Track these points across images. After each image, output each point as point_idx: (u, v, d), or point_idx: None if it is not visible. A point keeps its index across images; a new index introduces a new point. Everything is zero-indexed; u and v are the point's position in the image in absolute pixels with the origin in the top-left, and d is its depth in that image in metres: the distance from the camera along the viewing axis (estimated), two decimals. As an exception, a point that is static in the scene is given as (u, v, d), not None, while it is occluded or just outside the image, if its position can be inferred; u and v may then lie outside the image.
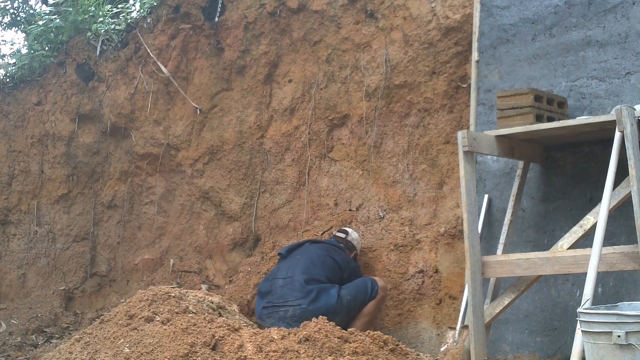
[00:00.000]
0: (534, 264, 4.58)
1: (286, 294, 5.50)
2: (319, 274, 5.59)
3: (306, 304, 5.39)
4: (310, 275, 5.54)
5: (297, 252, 5.82)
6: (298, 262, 5.67)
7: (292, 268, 5.64)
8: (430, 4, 6.00)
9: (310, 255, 5.70)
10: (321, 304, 5.41)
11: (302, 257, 5.71)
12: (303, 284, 5.48)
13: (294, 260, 5.73)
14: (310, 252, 5.76)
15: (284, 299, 5.48)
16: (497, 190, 5.33)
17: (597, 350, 3.57)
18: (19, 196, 8.14)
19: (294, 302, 5.43)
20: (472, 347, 4.63)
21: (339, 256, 5.77)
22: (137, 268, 7.54)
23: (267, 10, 6.85)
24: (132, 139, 7.63)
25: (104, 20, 7.82)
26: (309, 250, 5.79)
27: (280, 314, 5.45)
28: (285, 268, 5.70)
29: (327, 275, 5.61)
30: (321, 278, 5.57)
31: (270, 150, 6.87)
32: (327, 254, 5.74)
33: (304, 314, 5.30)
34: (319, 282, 5.53)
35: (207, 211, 7.21)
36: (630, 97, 4.81)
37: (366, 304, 5.64)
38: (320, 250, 5.78)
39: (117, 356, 4.47)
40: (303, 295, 5.43)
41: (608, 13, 4.97)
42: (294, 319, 5.35)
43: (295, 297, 5.45)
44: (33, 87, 8.17)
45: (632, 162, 4.19)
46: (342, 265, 5.73)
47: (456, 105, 5.95)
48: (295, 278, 5.53)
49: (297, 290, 5.47)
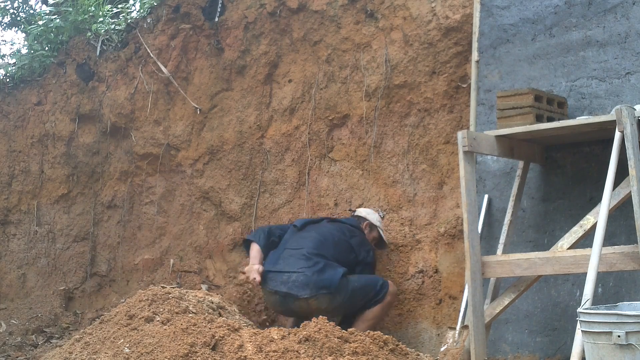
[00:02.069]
0: (534, 264, 4.58)
1: (292, 263, 5.52)
2: (328, 253, 5.56)
3: (310, 273, 5.42)
4: (319, 251, 5.53)
5: (312, 228, 5.80)
6: (310, 237, 5.66)
7: (303, 241, 5.65)
8: (430, 4, 6.00)
9: (324, 234, 5.68)
10: (325, 276, 5.40)
11: (315, 234, 5.70)
12: (311, 256, 5.49)
13: (307, 234, 5.72)
14: (325, 230, 5.74)
15: (289, 267, 5.50)
16: (497, 190, 5.33)
17: (597, 350, 3.57)
18: (19, 196, 8.14)
19: (299, 270, 5.44)
20: (472, 347, 4.63)
21: (354, 238, 5.71)
22: (137, 268, 7.54)
23: (267, 10, 6.85)
24: (132, 139, 7.62)
25: (104, 20, 7.82)
26: (324, 228, 5.77)
27: (283, 278, 5.47)
28: (296, 240, 5.71)
29: (336, 257, 5.57)
30: (329, 257, 5.55)
31: (270, 150, 6.87)
32: (342, 235, 5.69)
33: (307, 281, 5.35)
34: (327, 259, 5.53)
35: (207, 211, 7.21)
36: (630, 97, 4.81)
37: (371, 302, 5.57)
38: (335, 230, 5.73)
39: (117, 356, 4.47)
40: (309, 266, 5.45)
41: (608, 13, 4.97)
42: (296, 284, 5.38)
43: (300, 265, 5.47)
44: (33, 87, 8.17)
45: (632, 162, 4.19)
46: (356, 247, 5.66)
47: (456, 105, 5.95)
48: (304, 251, 5.54)
49: (303, 260, 5.49)
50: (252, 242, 5.87)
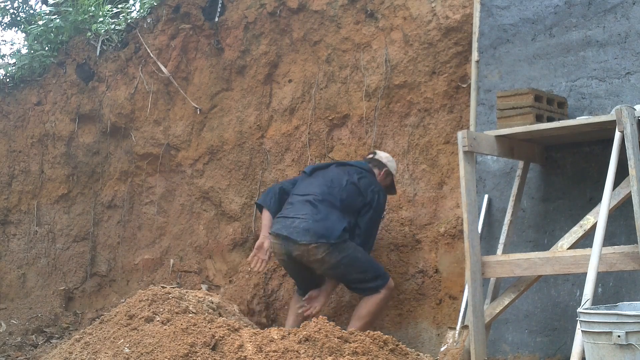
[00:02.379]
0: (534, 264, 4.58)
1: (298, 209, 5.60)
2: (335, 198, 5.60)
3: (312, 220, 5.48)
4: (325, 197, 5.59)
5: (319, 173, 5.84)
6: (318, 183, 5.71)
7: (310, 187, 5.71)
8: (430, 4, 6.00)
9: (332, 178, 5.72)
10: (327, 225, 5.45)
11: (322, 179, 5.74)
12: (316, 203, 5.57)
13: (314, 180, 5.76)
14: (332, 174, 5.77)
15: (294, 212, 5.59)
16: (497, 190, 5.33)
17: (597, 350, 3.57)
18: (19, 196, 8.15)
19: (302, 215, 5.53)
20: (472, 347, 4.63)
21: (362, 180, 5.71)
22: (137, 268, 7.54)
23: (267, 10, 6.85)
24: (132, 139, 7.63)
25: (104, 20, 7.83)
26: (331, 173, 5.80)
27: (287, 222, 5.56)
28: (305, 186, 5.76)
29: (343, 201, 5.60)
30: (335, 201, 5.59)
31: (270, 150, 6.87)
32: (349, 178, 5.71)
33: (308, 227, 5.43)
34: (332, 206, 5.57)
35: (207, 211, 7.21)
36: (630, 97, 4.81)
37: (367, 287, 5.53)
38: (343, 173, 5.76)
39: (117, 356, 4.47)
40: (313, 213, 5.52)
41: (608, 13, 4.97)
42: (297, 229, 5.46)
43: (305, 211, 5.54)
44: (33, 87, 8.17)
45: (632, 162, 4.19)
46: (363, 189, 5.66)
47: (456, 105, 5.95)
48: (310, 197, 5.61)
49: (309, 206, 5.57)
50: (263, 208, 5.92)
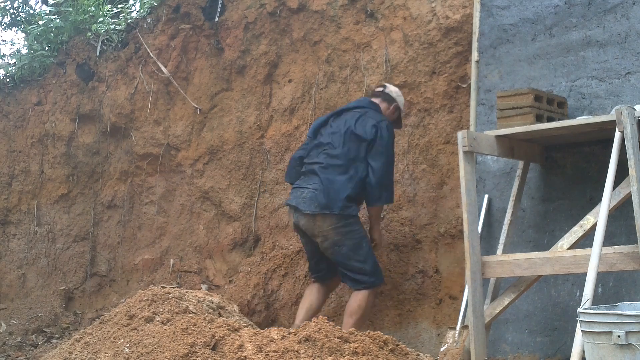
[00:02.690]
0: (534, 264, 4.58)
1: (308, 179, 5.74)
2: (337, 158, 5.67)
3: (318, 191, 5.61)
4: (328, 163, 5.67)
5: (321, 136, 5.88)
6: (321, 148, 5.77)
7: (316, 154, 5.79)
8: (430, 4, 6.00)
9: (332, 137, 5.76)
10: (331, 195, 5.55)
11: (324, 142, 5.78)
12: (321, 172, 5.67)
13: (318, 143, 5.82)
14: (331, 131, 5.80)
15: (305, 183, 5.74)
16: (497, 190, 5.33)
17: (597, 350, 3.57)
18: (19, 196, 8.15)
19: (310, 186, 5.67)
20: (472, 347, 4.63)
21: (360, 120, 5.70)
22: (137, 268, 7.54)
23: (267, 10, 6.86)
24: (132, 139, 7.63)
25: (104, 20, 7.83)
26: (330, 129, 5.83)
27: (298, 193, 5.72)
28: (312, 154, 5.84)
29: (344, 153, 5.65)
30: (338, 162, 5.65)
31: (270, 150, 6.87)
32: (347, 127, 5.72)
33: (313, 197, 5.58)
34: (337, 168, 5.63)
35: (207, 211, 7.21)
36: (630, 97, 4.81)
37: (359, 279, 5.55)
38: (342, 125, 5.77)
39: (117, 356, 4.47)
40: (319, 183, 5.63)
41: (608, 13, 4.97)
42: (305, 200, 5.62)
43: (313, 182, 5.68)
44: (33, 87, 8.17)
45: (632, 162, 4.19)
46: (362, 131, 5.65)
47: (456, 105, 5.95)
48: (316, 167, 5.72)
49: (316, 176, 5.68)
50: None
